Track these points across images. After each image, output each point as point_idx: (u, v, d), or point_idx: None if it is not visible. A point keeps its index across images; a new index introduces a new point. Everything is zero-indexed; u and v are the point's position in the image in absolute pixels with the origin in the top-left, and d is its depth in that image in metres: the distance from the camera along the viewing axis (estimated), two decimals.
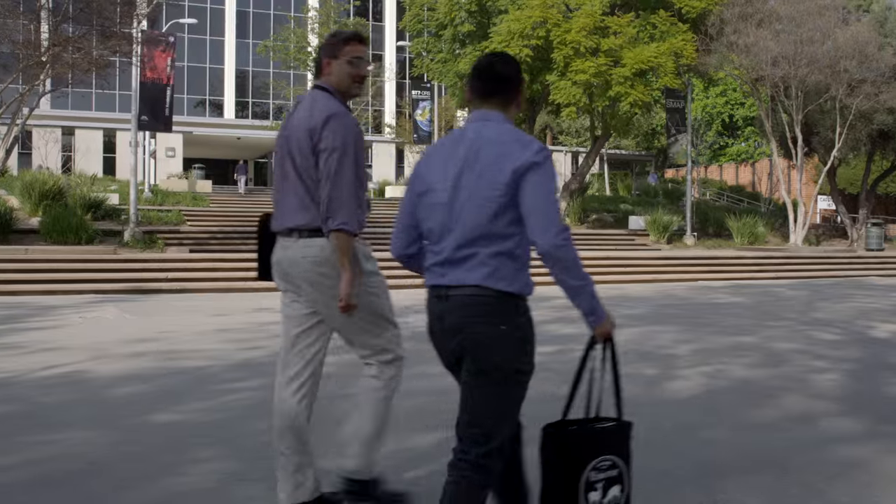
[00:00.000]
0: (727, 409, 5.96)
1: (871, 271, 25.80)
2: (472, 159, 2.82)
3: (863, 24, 30.86)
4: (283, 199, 3.54)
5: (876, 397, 6.41)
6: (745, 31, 27.78)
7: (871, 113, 30.18)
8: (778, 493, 4.08)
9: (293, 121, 3.52)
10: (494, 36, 26.60)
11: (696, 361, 8.04)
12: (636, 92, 25.77)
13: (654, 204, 34.79)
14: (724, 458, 4.67)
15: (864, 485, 4.22)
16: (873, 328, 11.10)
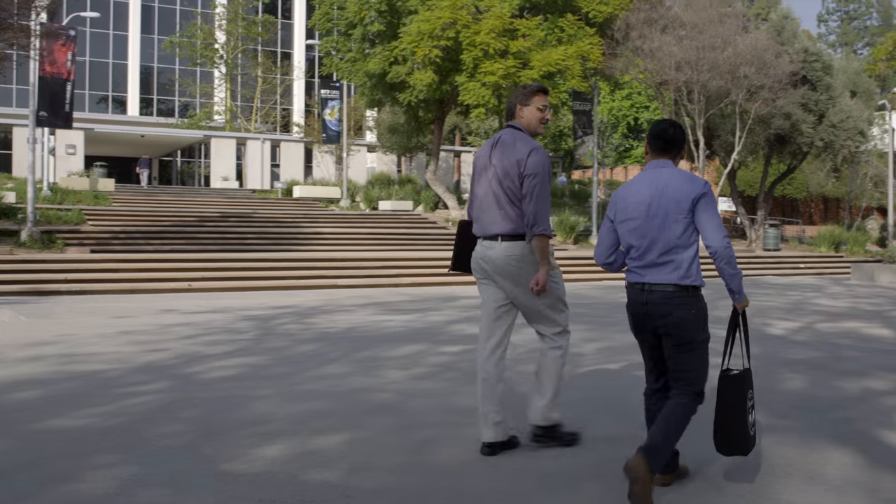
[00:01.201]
0: (631, 405, 6.06)
1: (769, 270, 26.66)
2: (659, 193, 4.02)
3: (761, 32, 31.80)
4: (487, 212, 4.66)
5: (772, 392, 6.61)
6: (649, 36, 28.37)
7: (769, 118, 31.18)
8: (680, 487, 4.19)
9: (498, 153, 4.63)
10: (404, 36, 26.60)
11: (601, 359, 8.19)
12: None
13: (561, 205, 35.26)
14: (626, 454, 4.71)
15: (762, 476, 4.35)
16: (770, 326, 11.46)
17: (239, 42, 55.56)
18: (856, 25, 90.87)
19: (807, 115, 32.01)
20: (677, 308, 4.00)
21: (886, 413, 5.90)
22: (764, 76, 29.09)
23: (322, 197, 36.71)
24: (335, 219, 29.77)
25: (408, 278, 19.64)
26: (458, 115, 39.03)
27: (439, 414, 5.73)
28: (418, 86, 27.04)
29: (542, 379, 4.80)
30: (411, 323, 11.35)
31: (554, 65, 26.08)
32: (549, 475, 4.35)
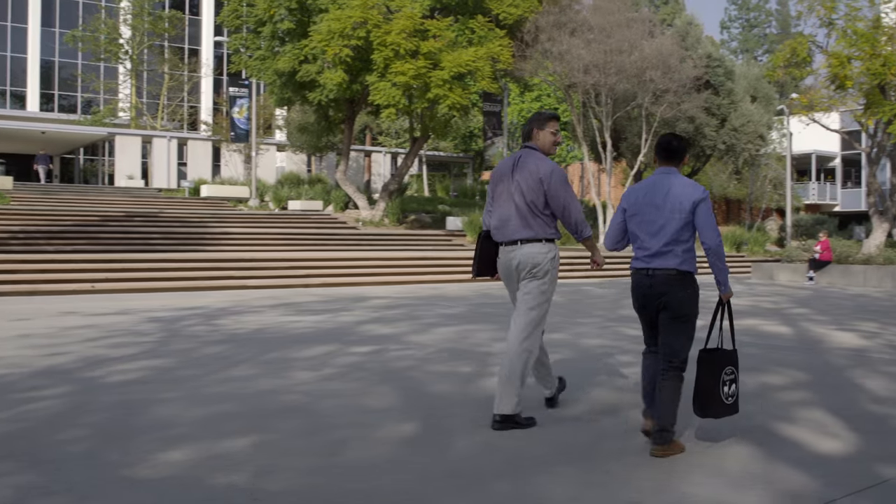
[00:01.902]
0: (538, 404, 6.14)
1: None
2: (664, 196, 4.83)
3: (666, 38, 32.53)
4: (508, 221, 5.35)
5: None
6: (559, 39, 28.75)
7: (674, 121, 31.95)
8: (585, 482, 4.24)
9: (520, 170, 5.33)
10: (314, 35, 26.39)
11: None
12: (454, 95, 26.18)
13: (472, 205, 35.48)
14: (533, 452, 4.80)
15: (663, 471, 4.45)
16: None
17: (145, 37, 54.30)
18: (756, 33, 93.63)
19: (710, 119, 32.90)
20: (676, 288, 4.84)
21: (783, 407, 6.10)
22: (669, 80, 29.76)
23: (230, 196, 36.18)
24: (244, 219, 29.37)
25: (318, 279, 19.50)
26: (369, 114, 38.96)
27: (349, 415, 5.71)
28: (328, 85, 26.87)
29: (508, 357, 5.38)
30: (321, 324, 11.28)
31: (464, 66, 26.20)
32: (456, 475, 4.38)
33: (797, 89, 41.55)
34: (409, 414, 5.76)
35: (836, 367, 8.01)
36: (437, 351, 8.71)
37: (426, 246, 27.58)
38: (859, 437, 5.25)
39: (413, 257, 23.04)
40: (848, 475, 4.43)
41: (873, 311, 14.40)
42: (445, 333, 10.22)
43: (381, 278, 20.38)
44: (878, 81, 23.49)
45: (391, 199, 32.30)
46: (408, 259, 22.97)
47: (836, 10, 24.78)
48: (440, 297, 16.01)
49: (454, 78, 26.37)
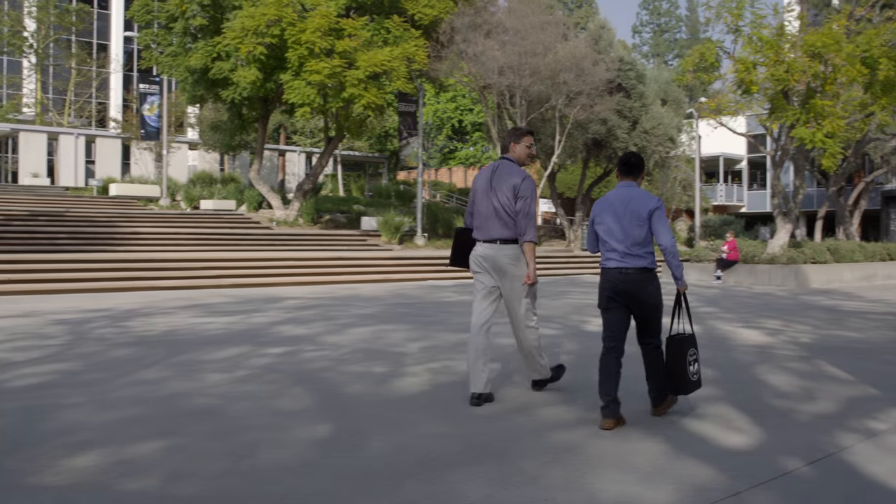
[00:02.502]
0: (452, 402, 6.16)
1: (587, 270, 27.69)
2: (624, 204, 5.62)
3: (580, 41, 32.99)
4: (488, 221, 6.13)
5: (588, 386, 6.85)
6: (474, 40, 28.91)
7: (587, 123, 32.42)
8: (498, 480, 4.27)
9: (497, 177, 6.14)
10: (228, 32, 26.03)
11: (424, 358, 8.26)
12: (369, 94, 26.11)
13: (387, 205, 35.44)
14: (448, 450, 4.82)
15: (575, 468, 4.50)
16: (587, 322, 11.90)
17: (51, 31, 52.81)
18: (667, 38, 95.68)
19: (622, 122, 33.46)
20: (644, 283, 5.64)
21: (691, 403, 6.23)
22: (582, 83, 30.18)
23: (140, 195, 35.43)
24: (154, 218, 28.78)
25: (231, 279, 19.23)
26: (283, 113, 38.56)
27: (262, 417, 5.64)
28: (242, 83, 26.54)
29: (524, 349, 6.43)
30: (233, 325, 11.12)
31: (380, 65, 26.14)
32: (371, 475, 4.36)
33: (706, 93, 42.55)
34: (324, 415, 5.72)
35: (742, 364, 8.22)
36: (351, 351, 8.67)
37: (341, 246, 27.44)
38: (763, 431, 5.40)
39: (327, 257, 22.89)
40: (753, 468, 4.55)
41: (777, 309, 14.83)
42: (360, 334, 10.18)
43: (296, 279, 20.19)
44: (782, 87, 24.19)
45: (305, 198, 32.05)
46: (322, 259, 22.82)
47: (743, 18, 25.41)
48: (355, 298, 15.95)
49: (369, 77, 26.30)
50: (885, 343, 10.18)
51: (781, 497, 4.09)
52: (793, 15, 28.21)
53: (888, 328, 11.93)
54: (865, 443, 5.15)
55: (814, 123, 23.69)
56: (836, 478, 4.43)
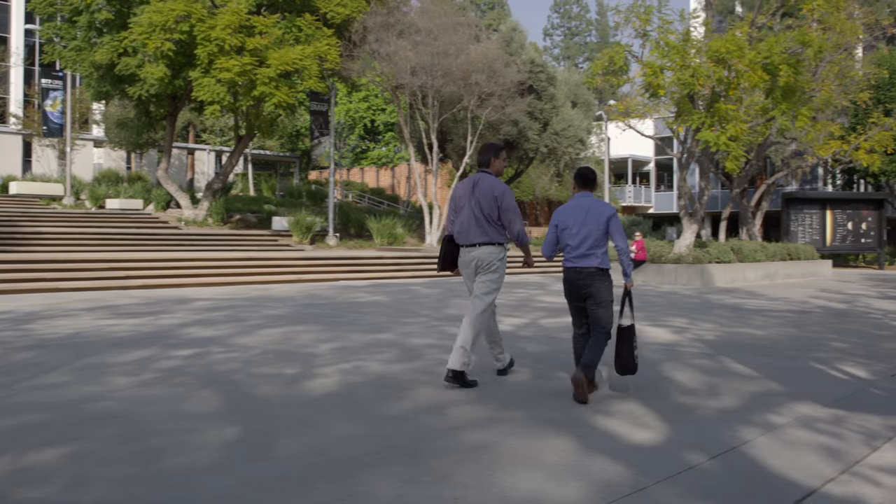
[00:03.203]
0: (364, 403, 6.15)
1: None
2: (585, 213, 6.48)
3: (492, 42, 33.24)
4: (469, 228, 6.88)
5: (499, 385, 6.92)
6: (386, 40, 28.87)
7: (499, 124, 32.68)
8: (408, 479, 4.27)
9: (479, 188, 6.88)
10: (135, 27, 25.44)
11: (335, 359, 8.21)
12: (281, 93, 25.85)
13: (298, 205, 35.13)
14: (358, 452, 4.80)
15: (486, 466, 4.53)
16: (497, 322, 11.97)
17: None
18: (577, 41, 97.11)
19: (533, 123, 33.82)
20: (597, 280, 6.50)
21: (600, 401, 6.34)
22: (494, 84, 30.41)
23: (43, 194, 34.39)
24: (58, 217, 27.96)
25: (138, 280, 18.81)
26: (193, 111, 37.87)
27: (169, 421, 5.53)
28: (149, 79, 25.99)
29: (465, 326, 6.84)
30: (140, 327, 10.88)
31: (291, 64, 25.90)
32: (281, 477, 4.32)
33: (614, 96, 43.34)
34: (233, 417, 5.64)
35: (650, 361, 8.39)
36: (261, 353, 8.57)
37: (251, 246, 27.10)
38: (669, 426, 5.53)
39: (238, 258, 22.58)
40: (659, 463, 4.65)
41: (683, 308, 15.18)
42: (271, 335, 10.07)
43: (205, 279, 19.86)
44: (688, 91, 24.77)
45: (215, 198, 31.55)
46: (232, 259, 22.49)
47: (651, 23, 25.94)
48: (266, 299, 15.77)
49: (281, 76, 26.04)
50: (786, 340, 10.51)
51: (686, 491, 4.19)
52: (698, 21, 28.88)
53: (788, 325, 12.32)
54: (766, 436, 5.31)
55: (718, 127, 24.32)
56: (737, 471, 4.56)
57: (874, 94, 36.22)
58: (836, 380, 7.52)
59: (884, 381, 7.45)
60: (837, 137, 31.40)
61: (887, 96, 37.97)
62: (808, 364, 8.45)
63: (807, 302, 17.21)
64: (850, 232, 38.17)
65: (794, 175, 43.27)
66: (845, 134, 33.95)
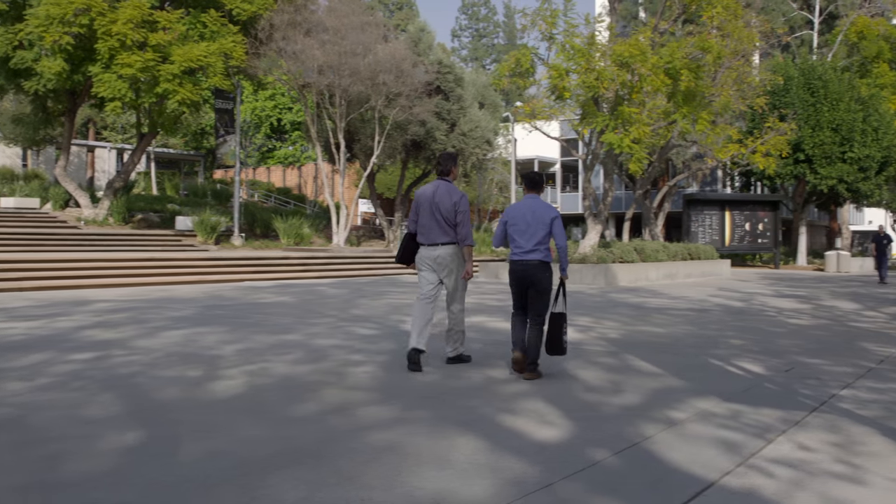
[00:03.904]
0: (269, 405, 6.07)
1: (406, 270, 27.86)
2: (532, 213, 7.37)
3: (400, 43, 33.22)
4: (431, 230, 7.73)
5: (405, 385, 6.92)
6: (293, 38, 28.58)
7: (406, 124, 32.70)
8: (314, 482, 4.23)
9: (439, 194, 7.72)
10: (31, 19, 24.64)
11: (240, 361, 8.09)
12: (184, 90, 25.38)
13: (203, 204, 34.54)
14: (263, 454, 4.74)
15: (392, 466, 4.52)
16: (405, 322, 11.98)
17: None
18: (485, 42, 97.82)
19: (440, 123, 33.93)
20: (539, 273, 7.40)
21: (506, 399, 6.39)
22: (402, 84, 30.41)
23: None
24: None
25: (34, 282, 18.20)
26: (93, 107, 36.83)
27: (67, 426, 5.36)
28: (46, 74, 25.19)
29: (451, 323, 8.09)
30: (36, 330, 10.53)
31: (195, 61, 25.44)
32: (183, 482, 4.24)
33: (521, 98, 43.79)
34: (134, 422, 5.50)
35: (554, 360, 8.50)
36: (164, 355, 8.39)
37: (154, 246, 26.52)
38: (574, 423, 5.61)
39: (140, 258, 22.06)
40: (564, 460, 4.72)
41: (588, 307, 15.42)
42: (173, 337, 9.86)
43: (106, 281, 19.34)
44: (593, 94, 25.19)
45: (116, 197, 30.78)
46: (134, 260, 21.96)
47: (556, 26, 26.29)
48: (169, 300, 15.44)
49: (185, 73, 25.56)
50: (686, 337, 10.79)
51: (590, 486, 4.26)
52: (603, 25, 29.39)
53: (688, 323, 12.64)
54: (667, 431, 5.44)
55: (622, 129, 24.80)
56: (639, 466, 4.66)
57: (770, 100, 37.44)
58: (733, 375, 7.75)
59: (778, 377, 7.71)
60: (736, 141, 32.34)
61: (782, 102, 39.29)
62: (707, 361, 8.69)
63: (706, 300, 17.69)
64: (747, 232, 39.36)
65: (695, 177, 44.46)
66: (743, 138, 34.99)
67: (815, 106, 39.34)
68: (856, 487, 4.36)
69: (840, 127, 39.01)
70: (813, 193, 41.28)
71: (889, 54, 46.51)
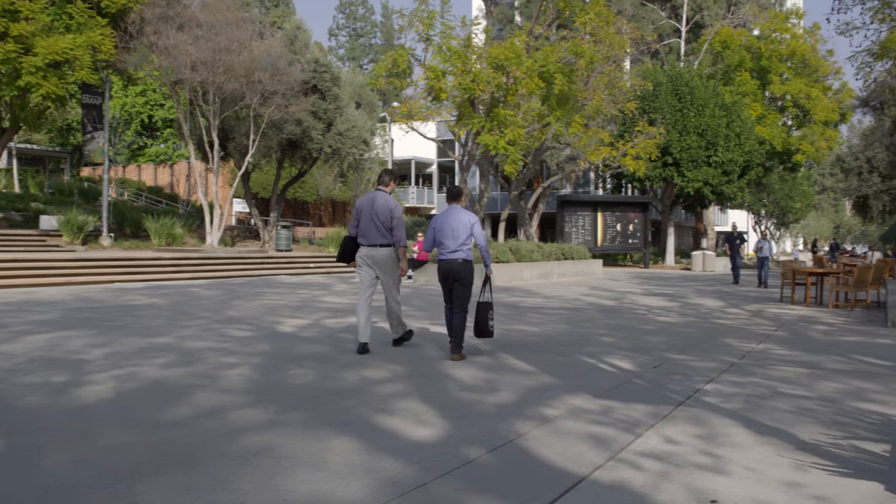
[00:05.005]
0: (139, 410, 5.90)
1: (281, 270, 27.57)
2: (456, 219, 8.75)
3: (276, 40, 32.77)
4: (372, 232, 8.94)
5: (280, 387, 6.84)
6: (165, 32, 27.83)
7: (282, 123, 32.28)
8: (186, 488, 4.14)
9: (378, 203, 8.98)
10: None
11: (108, 365, 7.84)
12: (49, 84, 24.40)
13: (69, 203, 33.32)
14: (133, 461, 4.61)
15: (267, 470, 4.47)
16: (280, 323, 11.85)
17: None
18: (362, 42, 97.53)
19: (317, 123, 33.64)
20: (463, 269, 8.75)
21: (382, 400, 6.40)
22: (277, 82, 30.00)
23: None
24: None
25: None
26: None
27: None
28: None
29: (390, 313, 9.34)
30: None
31: (61, 53, 24.49)
32: (47, 492, 4.08)
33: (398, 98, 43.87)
34: None
35: (431, 359, 8.56)
36: (26, 361, 8.04)
37: (16, 247, 25.38)
38: (450, 422, 5.66)
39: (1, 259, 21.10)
40: (439, 459, 4.75)
41: None
42: (37, 341, 9.47)
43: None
44: (469, 95, 25.48)
45: None
46: None
47: (434, 28, 26.49)
48: (32, 303, 14.81)
49: (49, 66, 24.56)
50: (559, 336, 11.02)
51: (464, 484, 4.30)
52: (480, 28, 29.78)
53: (562, 322, 12.91)
54: (540, 428, 5.54)
55: (497, 131, 25.13)
56: (513, 462, 4.73)
57: (640, 105, 38.65)
58: (604, 372, 7.96)
59: (647, 373, 7.96)
60: (607, 144, 33.25)
61: (651, 107, 40.57)
62: (579, 358, 8.90)
63: (579, 299, 18.10)
64: (618, 233, 40.47)
65: (569, 179, 45.39)
66: (614, 141, 36.01)
67: (682, 111, 40.77)
68: (718, 477, 4.54)
69: (705, 132, 40.55)
70: (680, 195, 42.75)
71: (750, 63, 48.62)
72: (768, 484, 4.44)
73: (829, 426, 5.81)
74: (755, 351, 9.91)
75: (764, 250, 25.11)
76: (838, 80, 51.50)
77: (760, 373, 8.15)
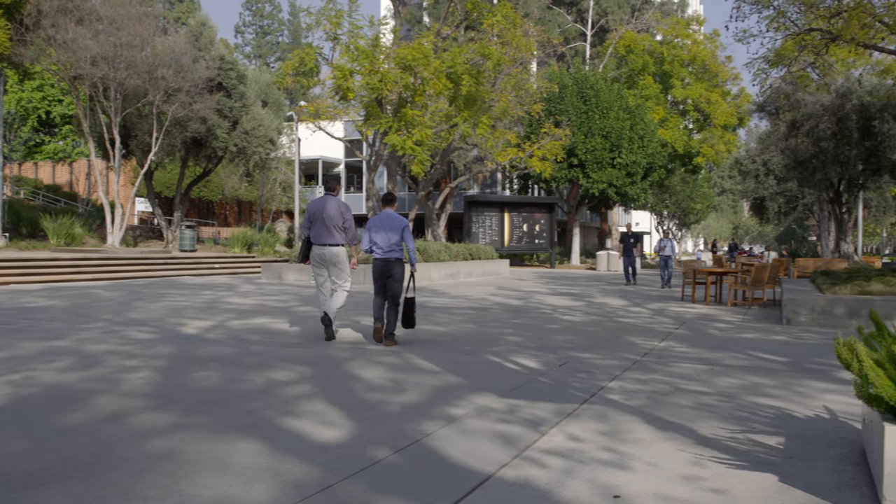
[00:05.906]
0: (34, 416, 5.73)
1: (185, 271, 27.06)
2: (388, 222, 9.94)
3: (180, 36, 32.15)
4: (323, 234, 10.04)
5: (184, 390, 6.72)
6: (64, 26, 27.04)
7: (186, 121, 31.70)
8: (84, 495, 4.03)
9: (328, 207, 10.06)
10: None
11: (3, 370, 7.57)
12: None
13: None
14: (27, 469, 4.47)
15: (169, 475, 4.39)
16: (184, 325, 11.63)
17: None
18: (269, 40, 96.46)
19: (222, 121, 33.15)
20: (395, 267, 9.81)
21: (288, 401, 6.34)
22: (181, 79, 29.45)
23: None
24: None
25: None
26: None
27: None
28: None
29: (334, 301, 10.27)
30: None
31: None
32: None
33: (305, 97, 43.49)
34: None
35: (337, 360, 8.52)
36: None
37: None
38: (356, 423, 5.64)
39: None
40: (345, 460, 4.74)
41: (369, 307, 15.50)
42: None
43: None
44: (377, 95, 25.42)
45: None
46: None
47: (341, 26, 26.34)
48: None
49: None
50: (466, 335, 11.08)
51: (371, 485, 4.30)
52: (388, 28, 29.72)
53: (469, 321, 12.99)
54: (446, 428, 5.57)
55: (405, 131, 25.15)
56: (420, 462, 4.75)
57: (546, 107, 39.17)
58: (511, 371, 8.05)
59: (552, 371, 8.07)
60: (514, 145, 33.57)
61: (557, 109, 41.14)
62: (486, 357, 8.97)
63: (486, 299, 18.24)
64: (525, 233, 40.91)
65: (476, 179, 45.75)
66: (521, 142, 36.40)
67: (587, 114, 41.45)
68: (621, 472, 4.64)
69: (610, 134, 41.31)
70: (585, 196, 43.45)
71: (653, 68, 49.80)
72: (669, 478, 4.56)
73: (727, 421, 5.99)
74: (657, 349, 10.15)
75: (667, 249, 25.62)
76: (737, 86, 53.26)
77: (662, 370, 8.35)
